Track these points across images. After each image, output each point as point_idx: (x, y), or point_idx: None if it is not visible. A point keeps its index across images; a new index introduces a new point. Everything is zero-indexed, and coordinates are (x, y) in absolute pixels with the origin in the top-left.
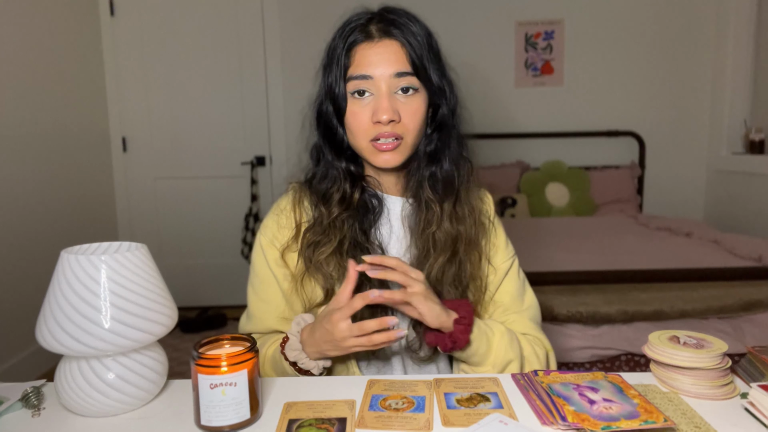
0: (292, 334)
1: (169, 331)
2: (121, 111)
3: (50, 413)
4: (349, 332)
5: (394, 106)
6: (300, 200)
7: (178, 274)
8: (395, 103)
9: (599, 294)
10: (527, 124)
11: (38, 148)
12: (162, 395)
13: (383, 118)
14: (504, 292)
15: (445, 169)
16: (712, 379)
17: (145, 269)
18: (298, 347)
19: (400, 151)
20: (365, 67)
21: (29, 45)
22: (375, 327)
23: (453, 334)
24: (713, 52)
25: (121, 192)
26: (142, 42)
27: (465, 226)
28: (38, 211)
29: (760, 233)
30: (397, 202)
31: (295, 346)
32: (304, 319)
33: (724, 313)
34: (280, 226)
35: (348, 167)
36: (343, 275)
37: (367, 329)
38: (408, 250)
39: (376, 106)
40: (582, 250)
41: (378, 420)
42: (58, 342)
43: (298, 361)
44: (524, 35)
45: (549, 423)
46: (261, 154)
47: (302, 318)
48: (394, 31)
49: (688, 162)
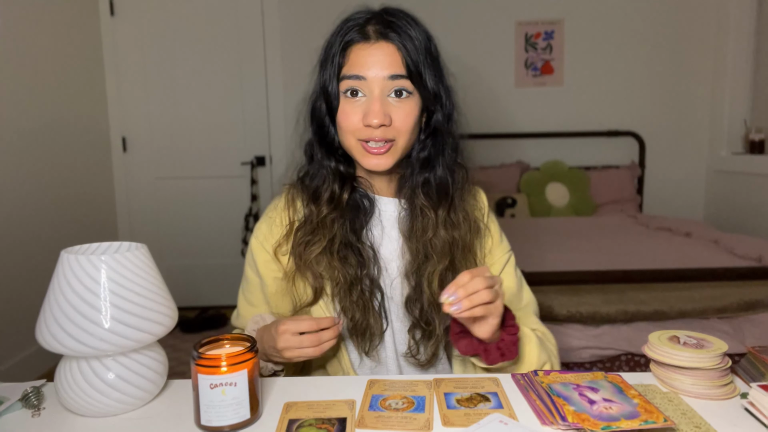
0: (248, 331)
1: (169, 331)
2: (121, 111)
3: (50, 413)
4: (291, 343)
5: (385, 109)
6: (293, 200)
7: (178, 274)
8: (387, 106)
9: (599, 294)
10: (527, 124)
11: (38, 148)
12: (162, 395)
13: (374, 121)
14: (503, 288)
15: (438, 176)
16: (712, 379)
17: (145, 269)
18: None
19: (391, 154)
20: (359, 67)
21: (29, 45)
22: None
23: (501, 347)
24: (713, 52)
25: (121, 192)
26: (142, 42)
27: (460, 232)
28: (38, 211)
29: (760, 233)
30: (389, 204)
31: None
32: (263, 318)
33: (724, 313)
34: (272, 226)
35: (337, 167)
36: (333, 275)
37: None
38: (402, 254)
39: (368, 109)
40: (582, 250)
41: (378, 420)
42: (58, 342)
43: None
44: (524, 35)
45: (549, 423)
46: (261, 154)
47: (261, 317)
48: (391, 33)
49: (688, 162)
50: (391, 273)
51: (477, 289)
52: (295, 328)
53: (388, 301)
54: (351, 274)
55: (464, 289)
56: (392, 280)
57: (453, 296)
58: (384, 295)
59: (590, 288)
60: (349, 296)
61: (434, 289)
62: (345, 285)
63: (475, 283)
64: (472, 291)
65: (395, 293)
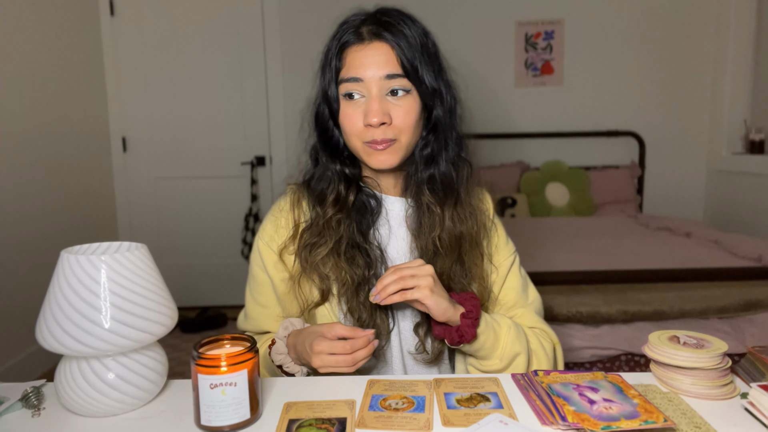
0: (278, 338)
1: (169, 331)
2: (121, 111)
3: (50, 413)
4: (326, 362)
5: (384, 108)
6: (298, 201)
7: (178, 274)
8: (386, 105)
9: (599, 294)
10: (527, 124)
11: (38, 148)
12: (162, 395)
13: (373, 121)
14: (509, 288)
15: (443, 171)
16: (712, 379)
17: (145, 269)
18: (283, 351)
19: (395, 150)
20: (356, 69)
21: (29, 45)
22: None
23: (460, 328)
24: (713, 52)
25: (121, 192)
26: (142, 42)
27: (467, 226)
28: (38, 211)
29: (760, 233)
30: (396, 203)
31: (281, 350)
32: (292, 323)
33: (724, 313)
34: (277, 227)
35: (342, 169)
36: (340, 277)
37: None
38: (410, 252)
39: (367, 109)
40: (582, 250)
41: (378, 420)
42: (58, 342)
43: (283, 364)
44: (524, 35)
45: (549, 423)
46: (261, 154)
47: (290, 322)
48: (385, 33)
49: (688, 162)
50: None
51: (389, 282)
52: (330, 349)
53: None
54: (358, 275)
55: (380, 282)
56: None
57: (373, 290)
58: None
59: (590, 288)
60: (356, 297)
61: (445, 284)
62: (352, 286)
63: (388, 277)
64: (386, 282)
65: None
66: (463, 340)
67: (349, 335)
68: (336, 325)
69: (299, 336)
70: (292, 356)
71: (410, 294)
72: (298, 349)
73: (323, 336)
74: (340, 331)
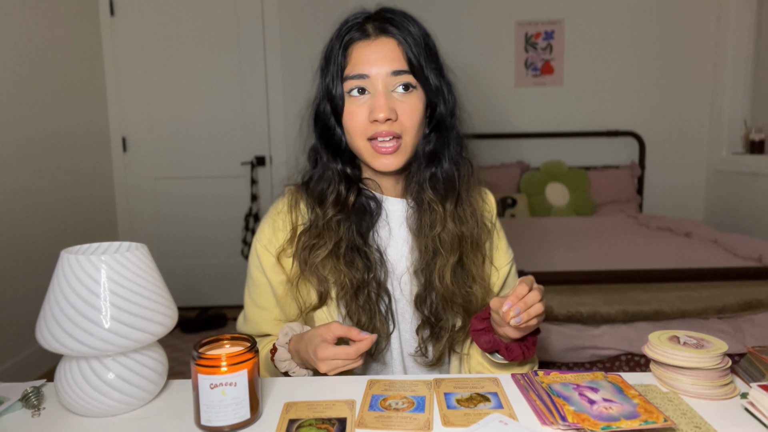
0: (280, 345)
1: (169, 331)
2: (121, 111)
3: (50, 413)
4: (334, 366)
5: (390, 104)
6: (296, 203)
7: (178, 274)
8: (392, 101)
9: (599, 294)
10: (527, 124)
11: (38, 148)
12: (162, 395)
13: (380, 116)
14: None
15: (444, 170)
16: (712, 379)
17: (145, 269)
18: (286, 357)
19: (400, 153)
20: (362, 65)
21: (29, 45)
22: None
23: (525, 345)
24: (713, 53)
25: (121, 192)
26: (142, 42)
27: (468, 226)
28: (38, 211)
29: (760, 233)
30: (396, 204)
31: (283, 357)
32: (291, 328)
33: (724, 313)
34: (275, 229)
35: (344, 169)
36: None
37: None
38: (411, 252)
39: (373, 105)
40: (582, 250)
41: (378, 420)
42: (58, 342)
43: (289, 371)
44: (524, 35)
45: (549, 423)
46: (261, 154)
47: (290, 327)
48: (391, 28)
49: (688, 162)
50: (399, 273)
51: (534, 301)
52: (334, 356)
53: (395, 302)
54: (357, 278)
55: (524, 303)
56: (400, 280)
57: (517, 309)
58: (391, 298)
59: (590, 288)
60: (355, 300)
61: (446, 284)
62: (351, 289)
63: (533, 296)
64: (531, 304)
65: (404, 293)
66: (525, 356)
67: (345, 335)
68: (333, 325)
69: (300, 342)
70: (297, 362)
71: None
72: (302, 356)
73: (325, 341)
74: (338, 331)
